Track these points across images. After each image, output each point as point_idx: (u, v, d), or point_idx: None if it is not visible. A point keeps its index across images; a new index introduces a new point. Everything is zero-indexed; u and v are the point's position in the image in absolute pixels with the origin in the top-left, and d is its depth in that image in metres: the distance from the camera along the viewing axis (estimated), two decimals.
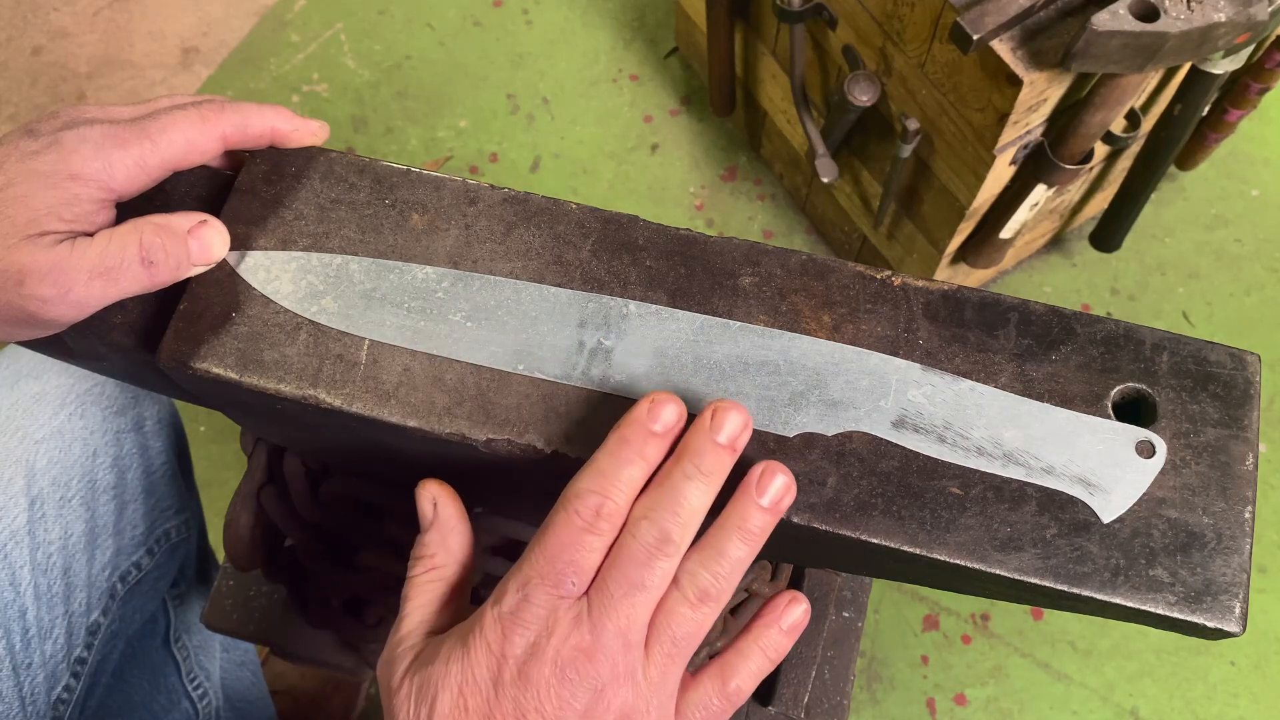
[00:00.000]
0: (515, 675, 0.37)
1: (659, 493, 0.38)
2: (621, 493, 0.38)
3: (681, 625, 0.38)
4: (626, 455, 0.38)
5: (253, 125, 0.45)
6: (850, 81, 0.98)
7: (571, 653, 0.37)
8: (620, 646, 0.37)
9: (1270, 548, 1.22)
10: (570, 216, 0.45)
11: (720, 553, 0.38)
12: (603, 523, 0.37)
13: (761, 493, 0.38)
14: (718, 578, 0.38)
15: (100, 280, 0.41)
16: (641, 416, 0.38)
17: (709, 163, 1.43)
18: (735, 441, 0.38)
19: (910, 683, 1.16)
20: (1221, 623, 0.39)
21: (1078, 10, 0.82)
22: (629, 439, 0.38)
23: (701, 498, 0.38)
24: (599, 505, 0.37)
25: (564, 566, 0.37)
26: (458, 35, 1.53)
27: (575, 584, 0.37)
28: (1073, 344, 0.43)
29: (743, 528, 0.38)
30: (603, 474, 0.38)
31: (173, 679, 0.79)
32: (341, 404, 0.42)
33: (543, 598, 0.37)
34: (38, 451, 0.61)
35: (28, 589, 0.59)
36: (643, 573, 0.37)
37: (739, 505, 0.38)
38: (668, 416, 0.38)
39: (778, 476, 0.38)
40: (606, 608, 0.37)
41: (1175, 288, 1.35)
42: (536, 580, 0.37)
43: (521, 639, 0.37)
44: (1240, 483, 0.41)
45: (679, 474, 0.38)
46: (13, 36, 1.54)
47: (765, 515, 0.38)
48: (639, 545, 0.37)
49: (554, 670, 0.36)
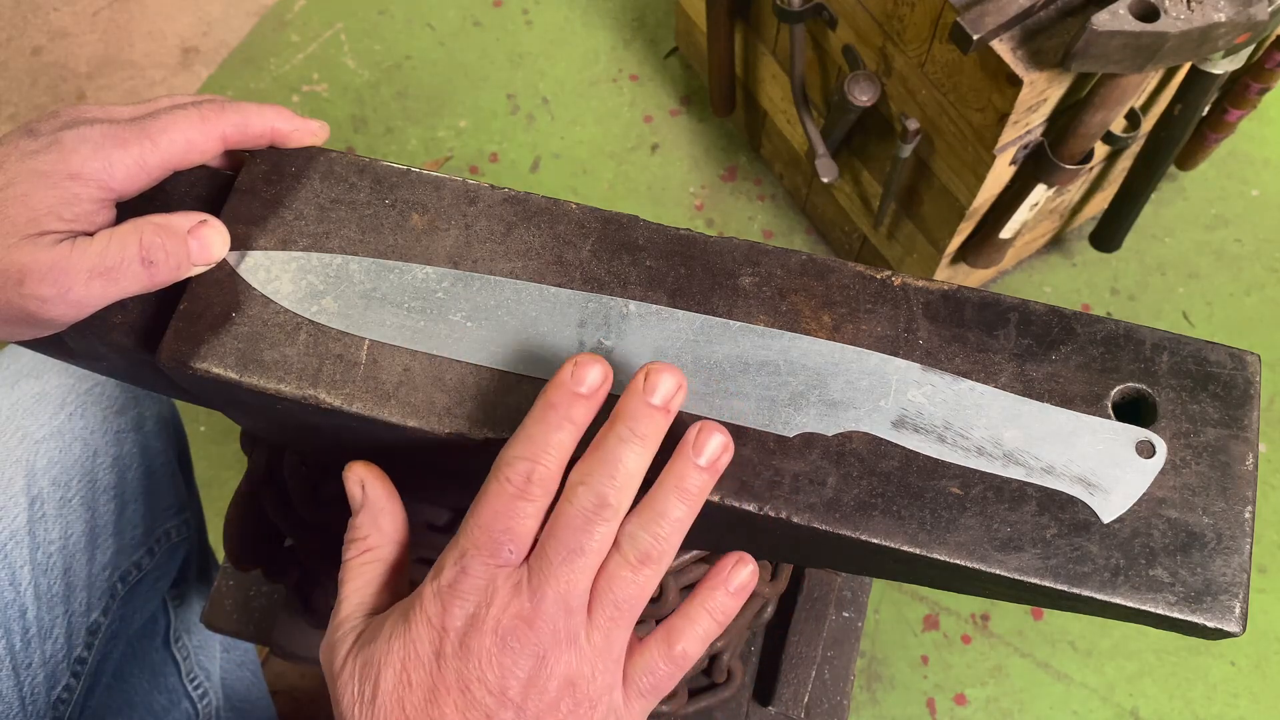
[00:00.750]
0: (457, 647, 0.37)
1: (595, 457, 0.38)
2: (551, 457, 0.38)
3: (624, 588, 0.38)
4: (554, 419, 0.38)
5: (253, 125, 0.45)
6: (850, 81, 0.98)
7: (512, 621, 0.37)
8: (562, 612, 0.37)
9: (1270, 548, 1.22)
10: (570, 216, 0.45)
11: (660, 514, 0.38)
12: (534, 488, 0.37)
13: (699, 452, 0.38)
14: (658, 539, 0.38)
15: (100, 280, 0.41)
16: (566, 380, 0.38)
17: (709, 163, 1.43)
18: (669, 403, 0.38)
19: (910, 683, 1.16)
20: (1221, 623, 0.39)
21: (1078, 10, 0.82)
22: (555, 403, 0.38)
23: (638, 461, 0.38)
24: (529, 471, 0.37)
25: (499, 534, 0.37)
26: (458, 35, 1.53)
27: (512, 551, 0.37)
28: (1073, 344, 0.43)
29: (681, 487, 0.38)
30: (531, 439, 0.38)
31: (173, 679, 0.79)
32: (341, 404, 0.42)
33: (480, 568, 0.37)
34: (38, 451, 0.61)
35: (28, 589, 0.59)
36: (581, 538, 0.37)
37: (677, 465, 0.38)
38: (592, 378, 0.38)
39: (714, 435, 0.38)
40: (546, 574, 0.37)
41: (1175, 288, 1.35)
42: (473, 551, 0.37)
43: (461, 610, 0.37)
44: (1240, 483, 0.41)
45: (614, 438, 0.38)
46: (13, 36, 1.54)
47: (703, 474, 0.38)
48: (576, 510, 0.37)
49: (495, 639, 0.36)
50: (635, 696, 0.40)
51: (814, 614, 0.73)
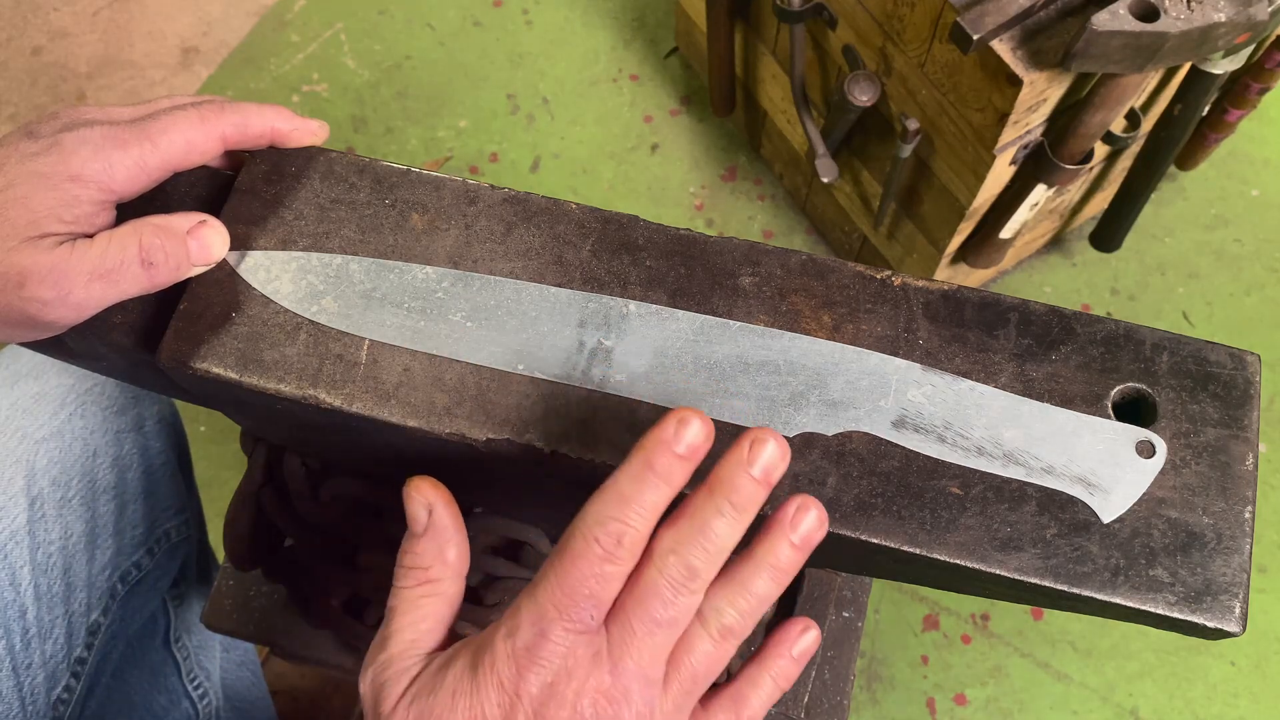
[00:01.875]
0: (532, 715, 0.35)
1: (687, 525, 0.36)
2: (644, 519, 0.36)
3: (703, 661, 0.37)
4: (651, 480, 0.35)
5: (252, 125, 0.45)
6: (850, 81, 0.98)
7: (593, 694, 0.35)
8: (640, 685, 0.36)
9: (1270, 548, 1.22)
10: (570, 216, 0.45)
11: (747, 589, 0.37)
12: (623, 551, 0.35)
13: (795, 529, 0.37)
14: (743, 615, 0.37)
15: (100, 282, 0.41)
16: (668, 438, 0.36)
17: (709, 163, 1.43)
18: (770, 475, 0.36)
19: (910, 683, 1.16)
20: (1221, 623, 0.39)
21: (1078, 10, 0.82)
22: (653, 464, 0.36)
23: (732, 533, 0.36)
24: (620, 533, 0.35)
25: (583, 599, 0.35)
26: (458, 35, 1.53)
27: (594, 617, 0.36)
28: (1073, 344, 0.43)
29: (772, 564, 0.37)
30: (624, 500, 0.35)
31: (173, 679, 0.79)
32: (341, 404, 0.42)
33: (561, 634, 0.35)
34: (38, 451, 0.61)
35: (28, 589, 0.59)
36: (667, 609, 0.36)
37: (771, 542, 0.37)
38: (694, 438, 0.36)
39: (811, 512, 0.37)
40: (628, 644, 0.35)
41: (1175, 288, 1.35)
42: (554, 614, 0.35)
43: (538, 679, 0.35)
44: (1240, 483, 0.41)
45: (711, 508, 0.36)
46: (13, 36, 1.54)
47: (796, 553, 0.37)
48: (664, 580, 0.35)
49: (573, 714, 0.35)
50: None
51: (814, 614, 0.73)
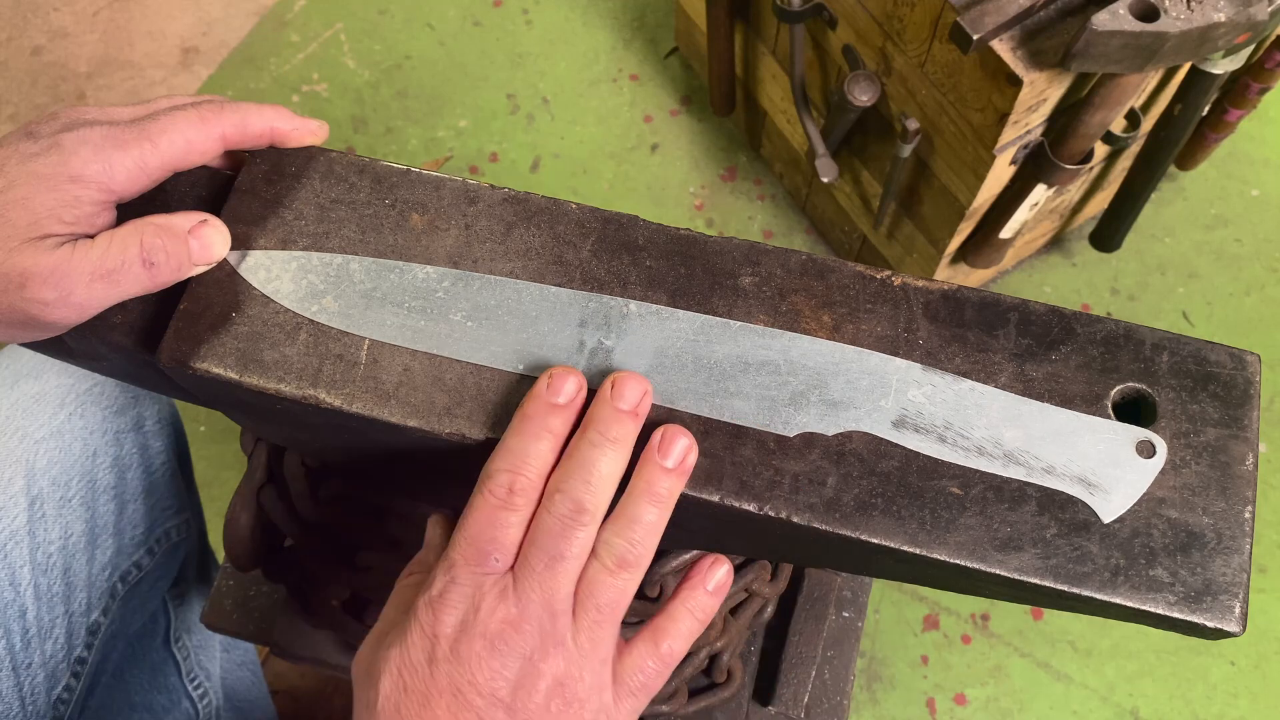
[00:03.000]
0: (448, 652, 0.38)
1: (569, 464, 0.39)
2: (532, 467, 0.39)
3: (604, 592, 0.39)
4: (532, 430, 0.39)
5: (252, 125, 0.45)
6: (850, 81, 0.98)
7: (499, 625, 0.38)
8: (547, 615, 0.38)
9: (1270, 548, 1.22)
10: (570, 216, 0.45)
11: (633, 519, 0.39)
12: (517, 498, 0.39)
13: (665, 455, 0.40)
14: (633, 544, 0.39)
15: (101, 282, 0.41)
16: (541, 391, 0.40)
17: (709, 163, 1.43)
18: (637, 408, 0.40)
19: (910, 683, 1.16)
20: (1221, 623, 0.39)
21: (1078, 10, 0.82)
22: (531, 415, 0.40)
23: (610, 465, 0.39)
24: (511, 482, 0.39)
25: (485, 544, 0.39)
26: (458, 35, 1.53)
27: (498, 560, 0.39)
28: (1073, 344, 0.43)
29: (651, 492, 0.39)
30: (511, 451, 0.39)
31: (173, 679, 0.79)
32: (341, 404, 0.42)
33: (467, 576, 0.39)
34: (38, 451, 0.61)
35: (28, 589, 0.59)
36: (560, 543, 0.38)
37: (645, 471, 0.40)
38: (568, 388, 0.40)
39: (678, 438, 0.40)
40: (530, 580, 0.38)
41: (1175, 288, 1.35)
42: (461, 562, 0.39)
43: (451, 617, 0.38)
44: (1240, 483, 0.41)
45: (585, 444, 0.39)
46: (13, 36, 1.54)
47: (671, 477, 0.40)
48: (554, 518, 0.39)
49: (484, 643, 0.38)
50: (625, 695, 0.41)
51: (814, 614, 0.73)
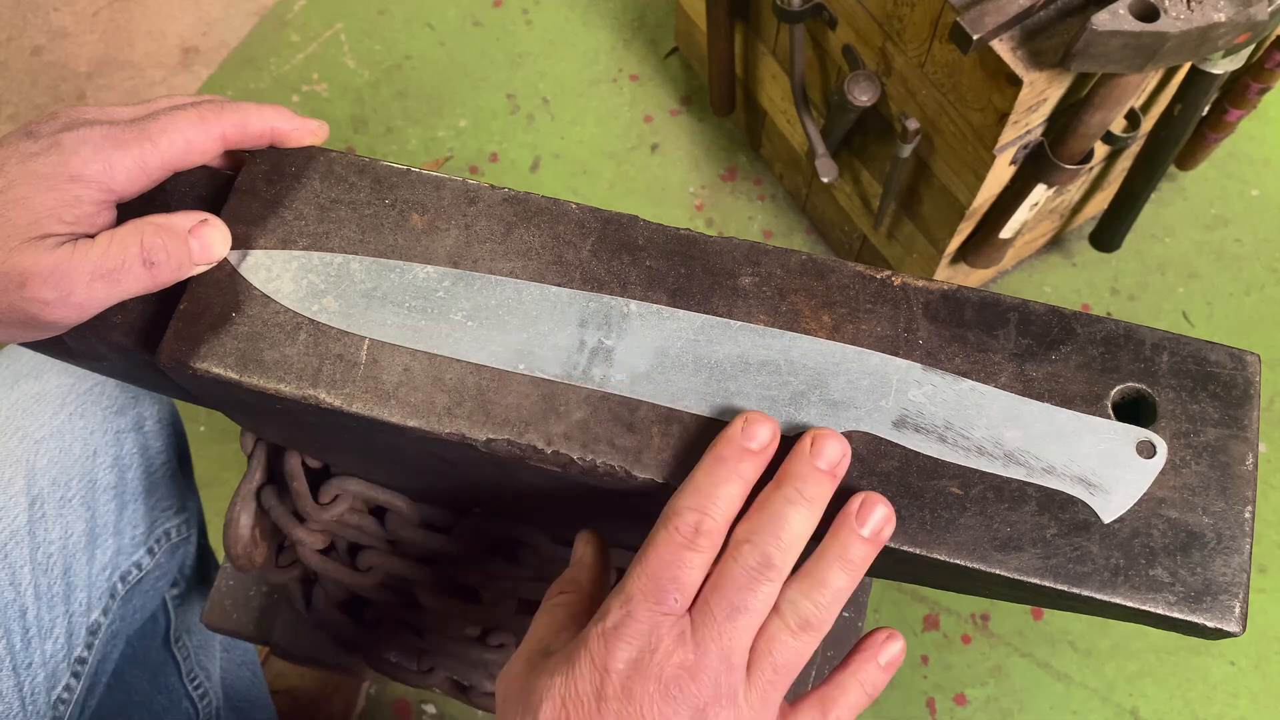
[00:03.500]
0: (619, 689, 0.37)
1: (761, 517, 0.38)
2: (720, 509, 0.38)
3: (783, 652, 0.38)
4: (723, 473, 0.38)
5: (252, 125, 0.45)
6: (850, 81, 0.98)
7: (675, 670, 0.37)
8: (723, 668, 0.37)
9: (1270, 548, 1.22)
10: (570, 216, 0.45)
11: (822, 582, 0.38)
12: (702, 539, 0.38)
13: (862, 523, 0.39)
14: (819, 607, 0.38)
15: (102, 282, 0.41)
16: (736, 435, 0.39)
17: (709, 163, 1.43)
18: (835, 468, 0.39)
19: (910, 683, 1.16)
20: (1221, 623, 0.39)
21: (1078, 10, 0.82)
22: (724, 457, 0.39)
23: (803, 523, 0.38)
24: (698, 522, 0.38)
25: (666, 583, 0.37)
26: (458, 35, 1.53)
27: (678, 600, 0.38)
28: (1073, 344, 0.43)
29: (844, 558, 0.39)
30: (700, 491, 0.38)
31: (173, 679, 0.79)
32: (341, 404, 0.42)
33: (645, 614, 0.37)
34: (38, 451, 0.61)
35: (28, 589, 0.59)
36: (745, 596, 0.37)
37: (840, 535, 0.39)
38: (762, 434, 0.39)
39: (878, 507, 0.39)
40: (710, 628, 0.37)
41: (1175, 288, 1.35)
42: (639, 597, 0.38)
43: (625, 653, 0.37)
44: (1240, 483, 0.41)
45: (780, 499, 0.38)
46: (13, 36, 1.54)
47: (866, 545, 0.39)
48: (741, 569, 0.38)
49: (658, 686, 0.36)
50: None
51: None
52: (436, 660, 0.71)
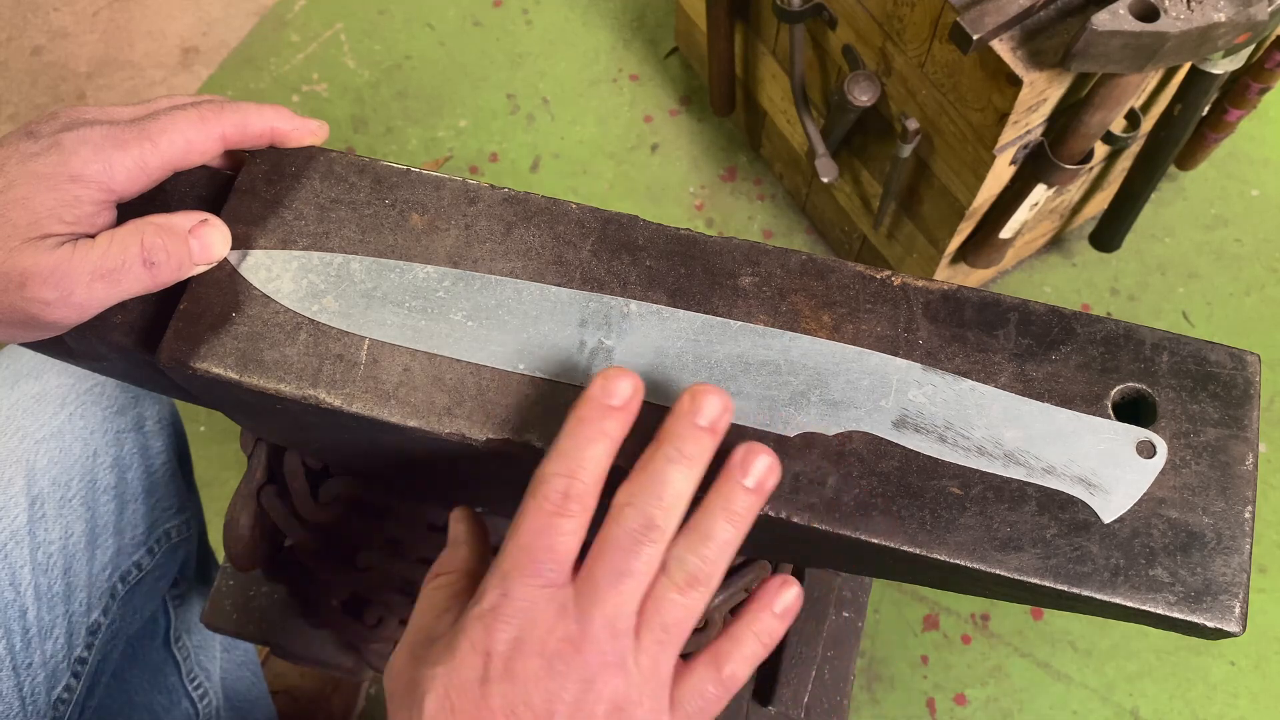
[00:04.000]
0: (501, 671, 0.36)
1: (641, 478, 0.37)
2: (588, 471, 0.37)
3: (672, 611, 0.37)
4: (586, 433, 0.37)
5: (252, 125, 0.45)
6: (850, 81, 0.98)
7: (558, 644, 0.36)
8: (608, 635, 0.36)
9: (1270, 548, 1.22)
10: (570, 216, 0.45)
11: (707, 535, 0.37)
12: (572, 504, 0.37)
13: (745, 473, 0.38)
14: (706, 561, 0.37)
15: (102, 282, 0.41)
16: (596, 394, 0.38)
17: (709, 163, 1.43)
18: (716, 424, 0.38)
19: (910, 683, 1.16)
20: (1221, 623, 0.39)
21: (1078, 10, 0.82)
22: (586, 417, 0.37)
23: (685, 482, 0.37)
24: (566, 487, 0.37)
25: (540, 554, 0.36)
26: (458, 35, 1.53)
27: (554, 571, 0.37)
28: (1073, 344, 0.43)
29: (728, 509, 0.37)
30: (565, 455, 0.37)
31: (173, 679, 0.79)
32: (341, 404, 0.42)
33: (522, 589, 0.36)
34: (38, 451, 0.61)
35: (28, 589, 0.59)
36: (629, 559, 0.36)
37: (723, 487, 0.38)
38: (623, 390, 0.38)
39: (760, 456, 0.38)
40: (593, 597, 0.36)
41: (1175, 288, 1.35)
42: (515, 573, 0.37)
43: (505, 633, 0.36)
44: (1240, 483, 0.41)
45: (660, 458, 0.37)
46: (13, 36, 1.54)
47: (750, 496, 0.38)
48: (623, 531, 0.37)
49: (541, 663, 0.36)
50: None
51: (814, 614, 0.73)
52: None
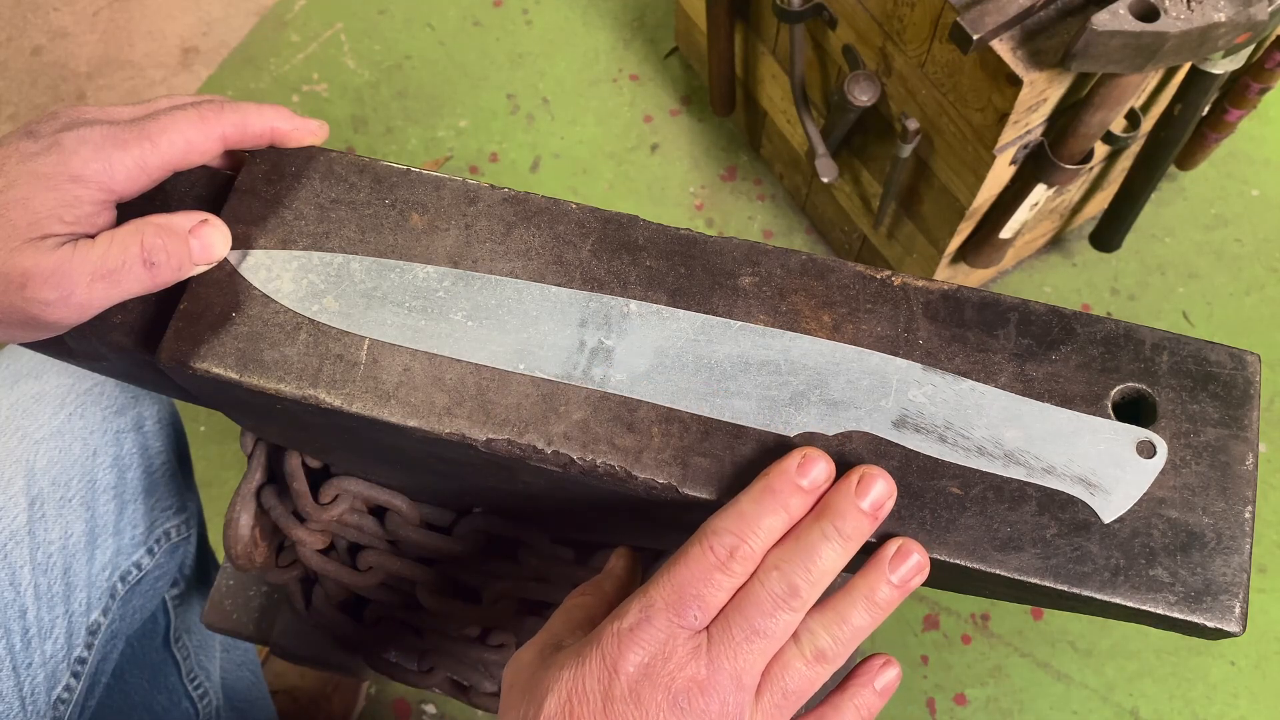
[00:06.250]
0: (627, 692, 0.37)
1: (794, 546, 0.38)
2: (759, 538, 0.38)
3: (795, 680, 0.38)
4: (770, 504, 0.39)
5: (252, 125, 0.45)
6: (850, 81, 0.98)
7: (686, 682, 0.37)
8: (733, 687, 0.37)
9: (1270, 548, 1.22)
10: (570, 216, 0.45)
11: (843, 618, 0.39)
12: (735, 564, 0.38)
13: (894, 569, 0.39)
14: (837, 641, 0.38)
15: (102, 282, 0.41)
16: (791, 469, 0.39)
17: (709, 163, 1.43)
18: (878, 509, 0.39)
19: (910, 683, 1.16)
20: (1221, 623, 0.39)
21: (1078, 10, 0.82)
22: (775, 489, 0.39)
23: (835, 559, 0.38)
24: (734, 546, 0.38)
25: (690, 598, 0.38)
26: (458, 35, 1.53)
27: (698, 617, 0.38)
28: (1073, 344, 0.43)
29: (870, 599, 0.39)
30: (743, 517, 0.38)
31: (173, 679, 0.79)
32: (341, 404, 0.42)
33: (663, 622, 0.37)
34: (38, 451, 0.61)
35: (28, 589, 0.59)
36: (766, 620, 0.37)
37: (869, 576, 0.39)
38: (816, 474, 0.39)
39: (912, 556, 0.39)
40: (725, 646, 0.37)
41: (1175, 288, 1.35)
42: (661, 605, 0.38)
43: (636, 656, 0.37)
44: (1240, 483, 0.41)
45: (817, 532, 0.38)
46: (13, 36, 1.54)
47: (894, 591, 0.39)
48: (766, 593, 0.38)
49: (666, 696, 0.36)
50: None
51: None
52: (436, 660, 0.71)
